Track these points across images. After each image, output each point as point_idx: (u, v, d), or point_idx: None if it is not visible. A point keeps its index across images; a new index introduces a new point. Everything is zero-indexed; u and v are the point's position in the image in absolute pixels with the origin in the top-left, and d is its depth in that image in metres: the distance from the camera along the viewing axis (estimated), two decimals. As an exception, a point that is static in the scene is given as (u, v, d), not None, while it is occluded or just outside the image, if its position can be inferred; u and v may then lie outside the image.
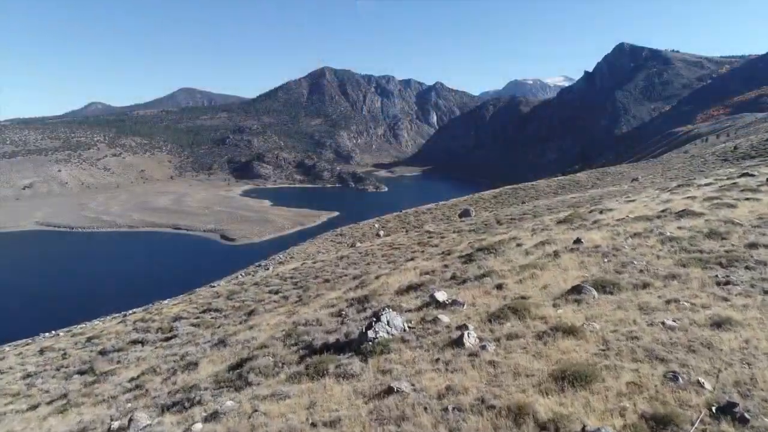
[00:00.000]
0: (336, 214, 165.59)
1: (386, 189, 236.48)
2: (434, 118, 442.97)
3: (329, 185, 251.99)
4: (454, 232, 15.09)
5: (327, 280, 10.60)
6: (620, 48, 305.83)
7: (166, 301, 31.15)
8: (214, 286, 31.47)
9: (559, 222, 9.75)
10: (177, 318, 11.08)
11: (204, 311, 11.58)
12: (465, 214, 16.77)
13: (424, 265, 8.61)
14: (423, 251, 11.84)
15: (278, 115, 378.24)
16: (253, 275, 30.71)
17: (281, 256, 33.78)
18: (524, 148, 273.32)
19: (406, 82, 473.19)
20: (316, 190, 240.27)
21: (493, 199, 49.76)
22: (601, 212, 10.04)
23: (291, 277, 13.02)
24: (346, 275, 10.60)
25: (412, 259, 10.63)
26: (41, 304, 76.20)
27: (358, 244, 15.64)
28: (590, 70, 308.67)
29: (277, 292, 11.44)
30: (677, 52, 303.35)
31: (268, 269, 31.75)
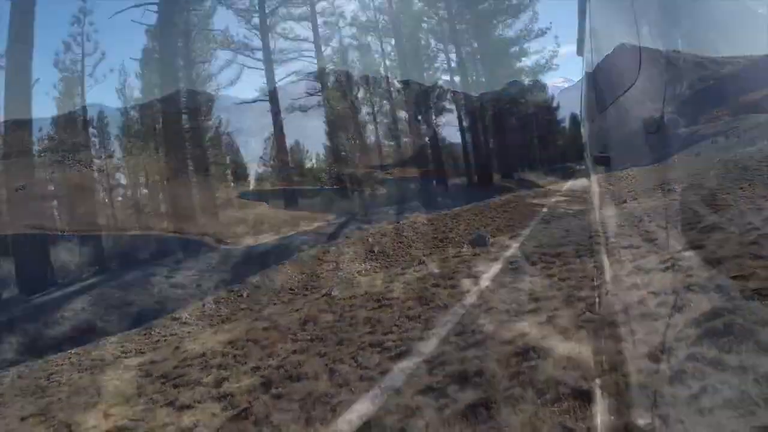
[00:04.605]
0: (333, 216, 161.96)
1: (384, 191, 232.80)
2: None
3: (327, 186, 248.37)
4: (468, 276, 10.91)
5: (266, 384, 6.39)
6: (620, 48, 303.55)
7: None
8: (176, 318, 27.17)
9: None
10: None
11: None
12: (478, 242, 12.89)
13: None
14: (427, 320, 7.68)
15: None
16: (220, 304, 26.44)
17: (258, 278, 29.65)
18: (523, 149, 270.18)
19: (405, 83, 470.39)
20: (313, 192, 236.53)
21: (500, 208, 45.45)
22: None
23: (220, 365, 8.75)
24: (298, 377, 6.32)
25: (407, 353, 6.35)
26: None
27: (335, 293, 11.82)
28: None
29: (182, 408, 7.23)
30: (678, 52, 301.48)
31: (241, 295, 27.59)
